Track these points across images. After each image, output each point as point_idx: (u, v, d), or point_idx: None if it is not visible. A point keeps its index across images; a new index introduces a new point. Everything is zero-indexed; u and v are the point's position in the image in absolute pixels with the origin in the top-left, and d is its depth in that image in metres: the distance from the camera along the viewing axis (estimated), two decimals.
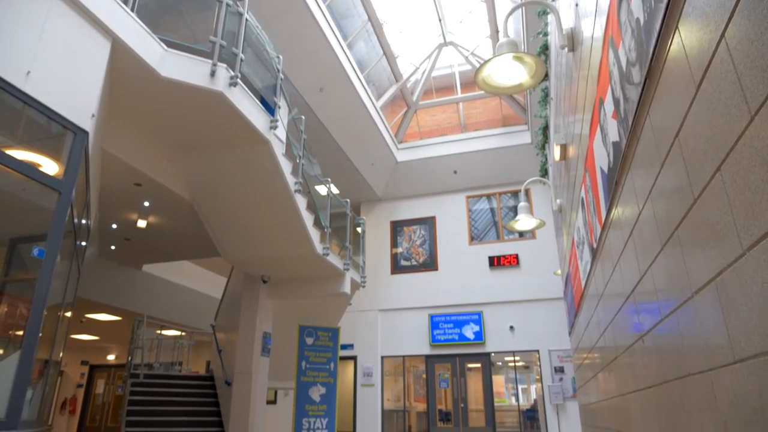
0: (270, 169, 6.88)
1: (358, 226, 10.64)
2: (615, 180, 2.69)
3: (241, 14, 6.11)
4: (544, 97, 7.39)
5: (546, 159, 8.39)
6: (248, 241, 8.40)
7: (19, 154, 4.12)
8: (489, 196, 14.92)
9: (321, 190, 9.02)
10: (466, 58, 13.81)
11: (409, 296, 14.30)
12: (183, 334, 12.86)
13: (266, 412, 9.46)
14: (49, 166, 4.40)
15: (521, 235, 13.96)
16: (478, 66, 3.31)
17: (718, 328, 1.51)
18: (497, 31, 12.46)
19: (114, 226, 9.87)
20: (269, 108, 6.76)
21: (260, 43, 6.78)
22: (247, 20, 6.19)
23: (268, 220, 7.88)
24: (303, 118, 8.27)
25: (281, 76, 7.16)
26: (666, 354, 2.17)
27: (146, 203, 8.60)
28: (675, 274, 1.89)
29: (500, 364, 13.66)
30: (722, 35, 1.26)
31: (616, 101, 2.49)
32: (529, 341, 13.00)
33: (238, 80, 5.82)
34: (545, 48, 6.43)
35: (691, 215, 1.64)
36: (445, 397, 13.59)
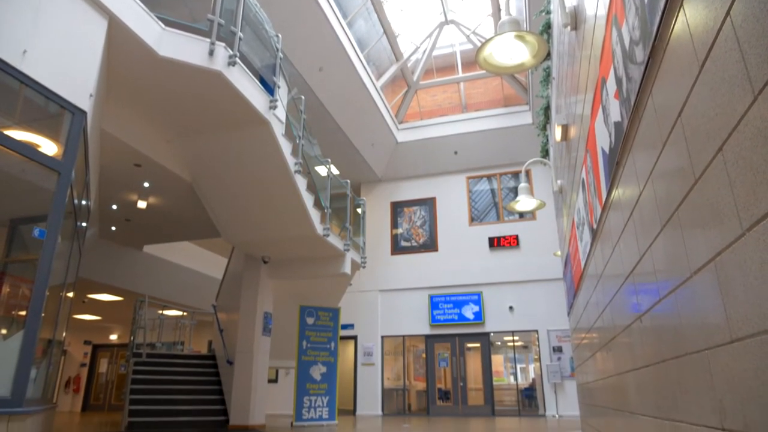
0: (270, 149, 6.86)
1: (359, 206, 10.64)
2: (616, 160, 2.68)
3: None
4: (546, 77, 7.32)
5: (547, 139, 8.35)
6: (249, 222, 8.41)
7: (18, 135, 4.10)
8: (489, 177, 14.89)
9: (321, 170, 9.00)
10: (468, 37, 13.65)
11: (409, 277, 14.37)
12: (184, 314, 12.97)
13: (268, 390, 9.58)
14: (48, 147, 4.39)
15: (521, 216, 13.98)
16: (480, 45, 3.27)
17: (716, 308, 1.52)
18: (499, 9, 12.29)
19: (114, 206, 9.88)
20: (268, 88, 6.70)
21: (259, 21, 6.70)
22: None
23: (269, 201, 7.88)
24: (303, 98, 8.21)
25: (280, 55, 7.09)
26: (664, 334, 2.19)
27: (146, 184, 8.59)
28: (674, 254, 1.89)
29: (499, 343, 13.79)
30: (728, 12, 1.24)
31: (618, 80, 2.47)
32: (528, 321, 13.10)
33: (237, 59, 5.76)
34: (547, 26, 6.34)
35: (691, 196, 1.64)
36: (444, 376, 13.76)
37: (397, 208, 15.45)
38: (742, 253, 1.29)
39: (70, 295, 6.42)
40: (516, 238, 13.75)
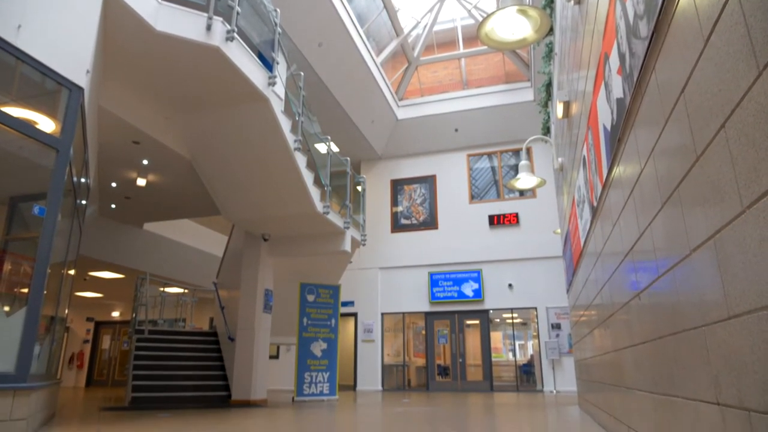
0: (269, 126, 6.81)
1: (359, 184, 10.62)
2: (618, 137, 2.67)
3: None
4: (548, 53, 7.23)
5: (548, 117, 8.28)
6: (248, 200, 8.41)
7: (15, 112, 4.07)
8: (490, 155, 14.83)
9: (321, 148, 8.95)
10: (469, 11, 13.43)
11: (409, 254, 14.43)
12: (185, 291, 13.05)
13: (269, 366, 9.70)
14: (46, 124, 4.36)
15: (521, 193, 13.96)
16: (481, 20, 3.23)
17: (714, 285, 1.52)
18: None
19: (114, 184, 9.86)
20: (267, 64, 6.62)
21: None
22: None
23: (268, 179, 7.86)
24: (302, 74, 8.12)
25: (279, 30, 6.99)
26: (661, 311, 2.20)
27: (145, 161, 8.56)
28: (674, 232, 1.90)
29: (498, 320, 13.92)
30: None
31: (621, 56, 2.43)
32: (527, 299, 13.20)
33: (235, 35, 5.68)
34: (550, 1, 6.24)
35: (692, 173, 1.63)
36: (443, 352, 13.92)
37: (397, 185, 15.43)
38: (742, 230, 1.29)
39: (72, 272, 6.46)
40: (516, 215, 13.77)
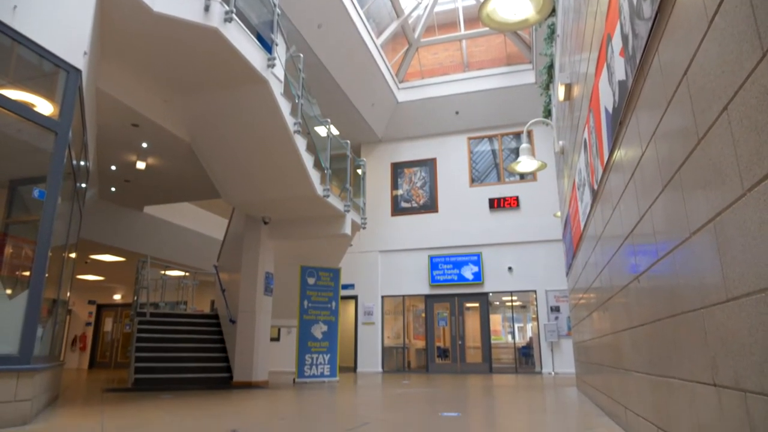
0: (268, 109, 6.77)
1: (359, 167, 10.59)
2: (619, 120, 2.65)
3: None
4: (551, 34, 7.16)
5: (550, 99, 8.23)
6: (248, 183, 8.39)
7: (12, 94, 4.04)
8: (490, 138, 14.77)
9: (321, 131, 8.91)
10: None
11: (409, 238, 14.46)
12: (186, 274, 13.10)
13: (270, 348, 9.79)
14: (44, 107, 4.33)
15: (522, 177, 13.94)
16: (483, 0, 3.19)
17: (713, 267, 1.53)
18: None
19: (113, 167, 9.84)
20: (266, 45, 6.56)
21: None
22: None
23: (268, 162, 7.84)
24: (301, 56, 8.04)
25: (278, 11, 6.91)
26: (660, 293, 2.21)
27: (144, 144, 8.53)
28: (674, 215, 1.90)
29: (498, 303, 14.01)
30: None
31: (624, 37, 2.41)
32: (526, 282, 13.26)
33: (234, 15, 5.61)
34: None
35: (694, 156, 1.62)
36: (443, 334, 14.03)
37: (397, 168, 15.39)
38: (742, 213, 1.29)
39: (73, 255, 6.48)
40: (516, 199, 13.76)
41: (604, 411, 4.46)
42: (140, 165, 9.45)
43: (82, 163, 5.77)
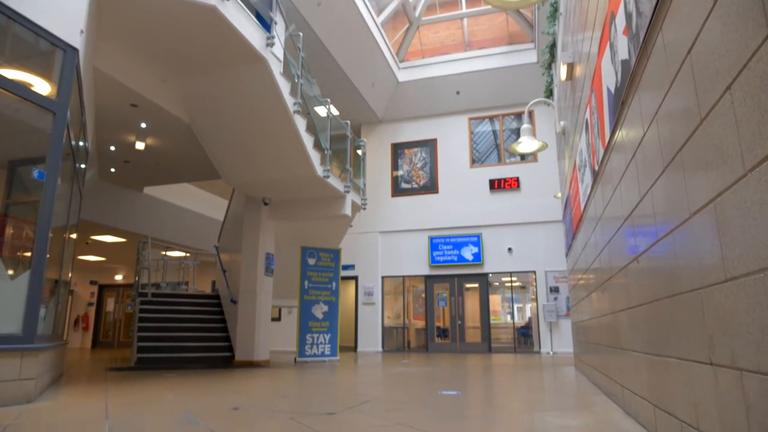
0: (267, 88, 6.71)
1: (359, 148, 10.55)
2: (622, 100, 2.63)
3: None
4: (553, 13, 7.06)
5: (551, 79, 8.15)
6: (248, 163, 8.37)
7: (9, 74, 4.00)
8: (491, 118, 14.67)
9: (321, 111, 8.85)
10: None
11: (410, 218, 14.47)
12: (187, 255, 13.15)
13: (271, 328, 9.87)
14: (42, 86, 4.29)
15: (523, 158, 13.88)
16: None
17: (712, 248, 1.53)
18: None
19: (112, 148, 9.80)
20: (265, 24, 6.47)
21: None
22: None
23: (268, 142, 7.80)
24: (300, 35, 7.95)
25: None
26: (659, 274, 2.22)
27: (143, 125, 8.48)
28: (674, 196, 1.89)
29: (497, 284, 14.08)
30: None
31: (628, 16, 2.38)
32: (526, 262, 13.31)
33: None
34: None
35: (696, 136, 1.61)
36: (443, 315, 14.14)
37: (397, 149, 15.33)
38: (743, 193, 1.28)
39: (73, 236, 6.49)
40: (517, 180, 13.73)
41: (602, 390, 4.52)
42: (139, 145, 9.41)
43: (81, 143, 5.74)
